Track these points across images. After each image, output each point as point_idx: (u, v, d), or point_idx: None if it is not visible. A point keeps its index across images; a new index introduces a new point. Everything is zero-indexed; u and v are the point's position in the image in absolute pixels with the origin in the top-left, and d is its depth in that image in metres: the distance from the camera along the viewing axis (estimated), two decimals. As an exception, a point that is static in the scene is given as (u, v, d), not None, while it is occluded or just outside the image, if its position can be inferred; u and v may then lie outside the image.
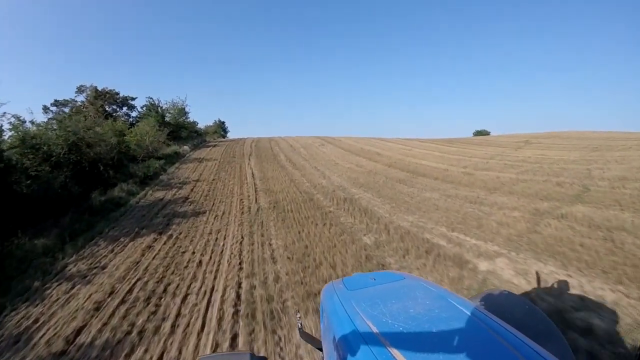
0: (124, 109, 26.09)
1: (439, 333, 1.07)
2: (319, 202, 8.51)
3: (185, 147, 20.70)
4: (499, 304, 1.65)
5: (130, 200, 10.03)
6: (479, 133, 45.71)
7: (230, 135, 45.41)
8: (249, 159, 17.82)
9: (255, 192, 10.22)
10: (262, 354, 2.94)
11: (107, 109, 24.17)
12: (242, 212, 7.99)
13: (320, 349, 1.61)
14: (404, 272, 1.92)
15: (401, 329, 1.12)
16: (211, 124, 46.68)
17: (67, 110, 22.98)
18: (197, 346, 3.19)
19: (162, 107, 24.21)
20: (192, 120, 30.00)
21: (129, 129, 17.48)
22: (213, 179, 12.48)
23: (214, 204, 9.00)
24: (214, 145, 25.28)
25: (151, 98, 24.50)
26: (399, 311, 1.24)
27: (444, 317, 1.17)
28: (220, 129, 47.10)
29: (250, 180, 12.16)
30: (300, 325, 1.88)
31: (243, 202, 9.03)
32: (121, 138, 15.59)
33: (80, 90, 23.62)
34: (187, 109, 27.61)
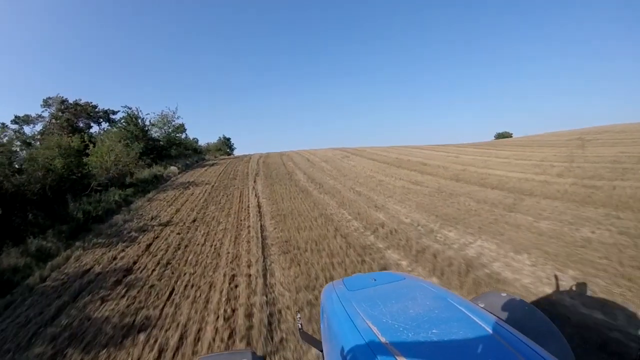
0: (105, 124, 21.76)
1: (439, 333, 1.03)
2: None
3: (173, 168, 16.13)
4: (499, 305, 1.56)
5: (31, 275, 5.33)
6: (501, 135, 41.49)
7: (237, 152, 41.25)
8: (254, 181, 13.09)
9: (263, 249, 5.40)
10: None
11: (79, 124, 19.94)
12: (231, 331, 3.14)
13: (321, 350, 1.53)
14: (404, 273, 1.78)
15: (401, 329, 1.07)
16: (214, 141, 42.89)
17: (29, 127, 18.77)
18: None
19: (143, 118, 19.67)
20: (186, 137, 25.56)
21: (93, 147, 13.06)
22: (193, 220, 7.67)
23: (171, 294, 4.12)
24: (212, 164, 20.74)
25: (129, 107, 20.00)
26: (399, 311, 1.20)
27: (443, 317, 1.13)
28: (226, 145, 43.26)
29: (254, 219, 7.34)
30: (300, 326, 1.82)
31: (237, 284, 4.18)
32: (75, 160, 11.13)
33: (46, 103, 19.44)
34: (180, 121, 23.15)
